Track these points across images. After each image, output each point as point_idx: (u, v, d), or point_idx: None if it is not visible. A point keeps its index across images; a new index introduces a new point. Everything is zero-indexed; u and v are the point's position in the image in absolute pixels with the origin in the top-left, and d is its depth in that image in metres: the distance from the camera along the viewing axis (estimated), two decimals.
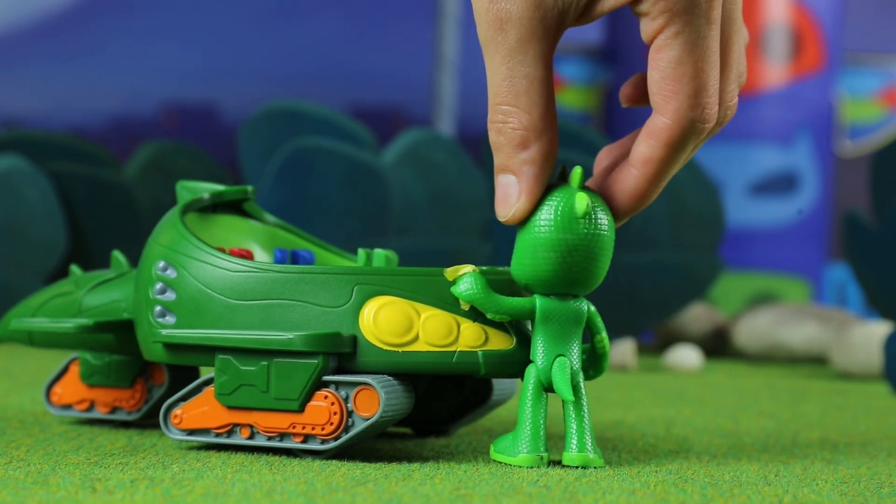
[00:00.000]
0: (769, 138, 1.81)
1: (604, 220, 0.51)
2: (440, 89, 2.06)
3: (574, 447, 0.51)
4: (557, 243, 0.50)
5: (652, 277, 1.25)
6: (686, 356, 1.17)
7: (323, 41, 2.21)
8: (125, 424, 0.61)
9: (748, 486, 0.48)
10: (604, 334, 0.53)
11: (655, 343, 1.45)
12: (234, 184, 0.64)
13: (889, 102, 1.99)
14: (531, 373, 0.51)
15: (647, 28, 0.50)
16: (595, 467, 0.52)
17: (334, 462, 0.51)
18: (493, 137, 0.50)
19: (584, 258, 0.50)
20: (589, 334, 0.53)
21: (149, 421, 0.61)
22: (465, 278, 0.51)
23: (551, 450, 0.54)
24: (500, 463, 0.52)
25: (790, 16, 1.82)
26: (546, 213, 0.50)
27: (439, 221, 1.25)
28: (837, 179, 1.93)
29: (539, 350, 0.51)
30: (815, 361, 1.31)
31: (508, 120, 0.50)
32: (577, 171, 0.51)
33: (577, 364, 0.51)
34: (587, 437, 0.51)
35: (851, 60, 1.96)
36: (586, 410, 0.52)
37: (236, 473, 0.47)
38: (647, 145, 0.50)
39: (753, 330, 1.33)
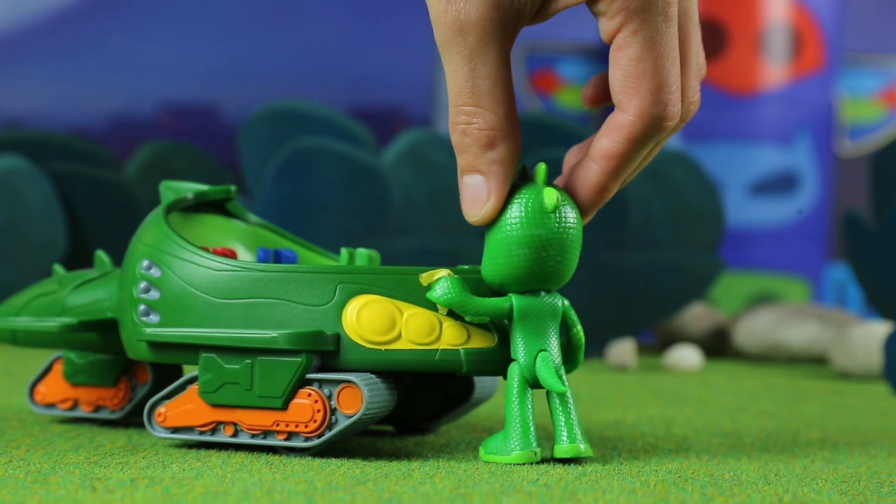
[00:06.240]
0: (769, 138, 1.81)
1: (572, 214, 0.51)
2: (440, 89, 2.06)
3: (565, 439, 0.52)
4: (530, 239, 0.50)
5: (652, 277, 1.25)
6: (686, 356, 1.17)
7: (323, 41, 2.21)
8: (125, 424, 0.62)
9: (748, 485, 0.48)
10: (579, 327, 0.54)
11: (655, 343, 1.45)
12: (234, 184, 0.64)
13: (889, 102, 1.99)
14: (514, 371, 0.52)
15: (605, 27, 0.50)
16: (586, 458, 0.52)
17: (334, 461, 0.51)
18: (458, 139, 0.51)
19: (558, 252, 0.51)
20: (564, 328, 0.54)
21: (133, 420, 0.61)
22: (440, 283, 0.51)
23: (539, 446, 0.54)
24: (500, 462, 0.52)
25: (790, 16, 1.82)
26: (515, 211, 0.51)
27: (439, 221, 1.25)
28: (837, 179, 1.93)
29: (519, 347, 0.52)
30: (815, 361, 1.31)
31: (473, 121, 0.50)
32: (541, 168, 0.52)
33: (558, 358, 0.52)
34: (576, 429, 0.52)
35: (851, 60, 1.96)
36: (572, 403, 0.52)
37: (236, 472, 0.47)
38: (608, 140, 0.51)
39: (753, 330, 1.33)
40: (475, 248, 1.25)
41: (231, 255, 0.57)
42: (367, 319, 0.51)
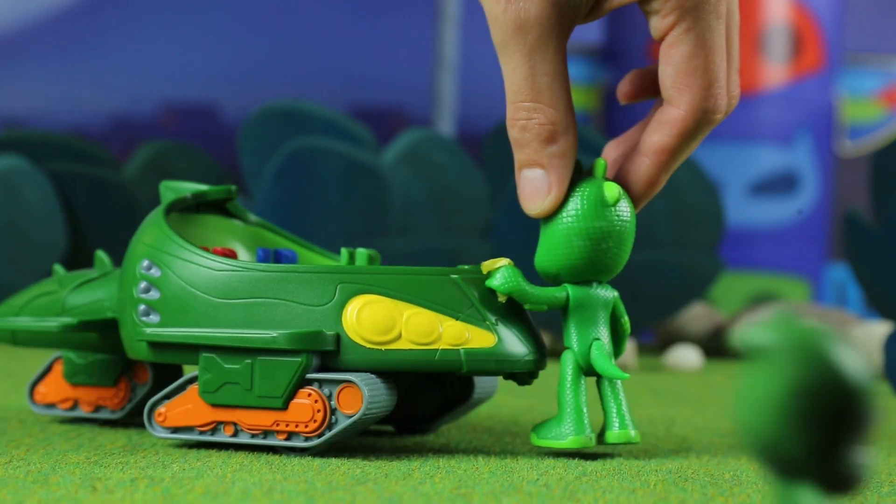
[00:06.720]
0: (769, 138, 1.81)
1: (627, 208, 0.53)
2: (440, 89, 2.06)
3: (616, 426, 0.53)
4: (591, 231, 0.52)
5: (652, 277, 1.25)
6: (686, 356, 1.17)
7: (323, 41, 2.21)
8: (125, 424, 0.62)
9: (748, 484, 0.48)
10: (626, 318, 0.56)
11: (655, 343, 1.45)
12: (234, 184, 0.64)
13: (889, 102, 1.99)
14: (568, 358, 0.53)
15: (657, 25, 0.51)
16: (635, 443, 0.54)
17: (334, 461, 0.51)
18: (517, 134, 0.52)
19: (616, 245, 0.53)
20: (612, 318, 0.55)
21: (133, 420, 0.61)
22: (500, 271, 0.53)
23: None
24: (501, 461, 0.52)
25: (790, 16, 1.82)
26: (575, 203, 0.52)
27: (439, 221, 1.25)
28: (837, 179, 1.93)
29: (573, 336, 0.53)
30: None
31: (533, 116, 0.51)
32: (601, 163, 0.53)
33: (609, 347, 0.54)
34: (627, 416, 0.54)
35: (851, 60, 1.96)
36: (622, 390, 0.54)
37: (236, 472, 0.47)
38: (660, 135, 0.52)
39: None
40: (475, 248, 1.26)
41: (231, 255, 0.57)
42: (367, 319, 0.51)
